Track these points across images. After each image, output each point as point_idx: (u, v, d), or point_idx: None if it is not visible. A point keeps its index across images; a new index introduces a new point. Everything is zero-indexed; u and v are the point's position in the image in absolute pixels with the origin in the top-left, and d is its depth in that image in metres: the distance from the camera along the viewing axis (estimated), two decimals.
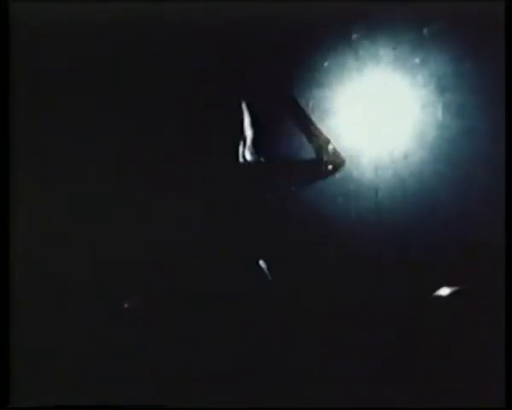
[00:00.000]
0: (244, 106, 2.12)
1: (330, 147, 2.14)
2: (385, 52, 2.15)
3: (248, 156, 2.15)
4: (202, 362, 2.08)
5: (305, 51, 2.15)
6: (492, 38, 2.02)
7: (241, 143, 2.14)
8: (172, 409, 2.00)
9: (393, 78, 2.16)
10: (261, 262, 2.13)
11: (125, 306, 2.13)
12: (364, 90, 2.17)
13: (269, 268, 2.14)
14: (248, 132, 2.15)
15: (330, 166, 2.13)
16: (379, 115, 2.18)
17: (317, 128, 2.15)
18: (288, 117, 2.16)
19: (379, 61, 2.15)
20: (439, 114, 2.14)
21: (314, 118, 2.16)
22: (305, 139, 2.15)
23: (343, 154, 2.15)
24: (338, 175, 2.16)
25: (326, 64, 2.16)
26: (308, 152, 2.16)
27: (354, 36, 2.13)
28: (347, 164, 2.16)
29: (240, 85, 2.16)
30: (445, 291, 2.10)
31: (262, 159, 2.17)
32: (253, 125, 2.15)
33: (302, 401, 2.04)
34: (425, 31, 2.10)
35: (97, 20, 2.10)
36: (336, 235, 2.16)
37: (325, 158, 2.14)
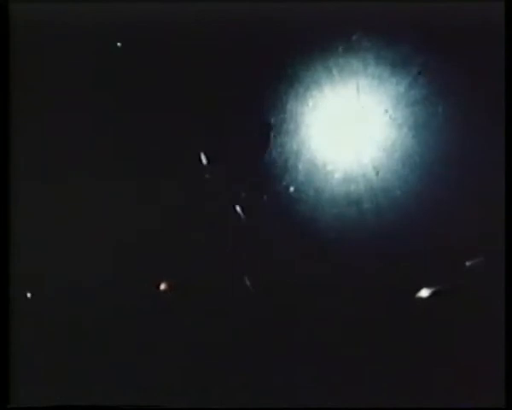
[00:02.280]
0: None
1: None
2: (384, 53, 2.15)
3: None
4: (202, 362, 2.08)
5: (303, 51, 2.16)
6: (492, 38, 2.02)
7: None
8: (172, 409, 2.00)
9: (391, 78, 2.16)
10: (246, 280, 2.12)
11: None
12: (364, 91, 2.18)
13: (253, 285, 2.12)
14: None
15: None
16: (378, 115, 2.18)
17: None
18: None
19: (379, 62, 2.16)
20: (439, 114, 2.14)
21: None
22: None
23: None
24: (338, 175, 2.16)
25: (325, 64, 2.16)
26: None
27: (354, 37, 2.14)
28: (346, 165, 2.17)
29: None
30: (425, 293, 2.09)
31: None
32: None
33: (301, 401, 2.04)
34: (424, 31, 2.10)
35: (98, 19, 2.11)
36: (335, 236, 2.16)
37: None
